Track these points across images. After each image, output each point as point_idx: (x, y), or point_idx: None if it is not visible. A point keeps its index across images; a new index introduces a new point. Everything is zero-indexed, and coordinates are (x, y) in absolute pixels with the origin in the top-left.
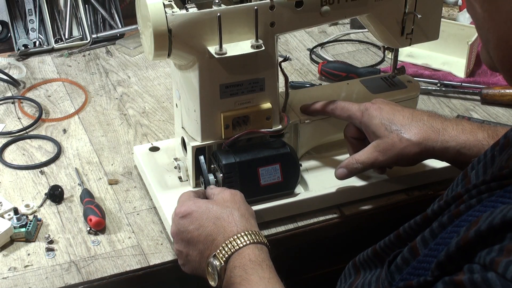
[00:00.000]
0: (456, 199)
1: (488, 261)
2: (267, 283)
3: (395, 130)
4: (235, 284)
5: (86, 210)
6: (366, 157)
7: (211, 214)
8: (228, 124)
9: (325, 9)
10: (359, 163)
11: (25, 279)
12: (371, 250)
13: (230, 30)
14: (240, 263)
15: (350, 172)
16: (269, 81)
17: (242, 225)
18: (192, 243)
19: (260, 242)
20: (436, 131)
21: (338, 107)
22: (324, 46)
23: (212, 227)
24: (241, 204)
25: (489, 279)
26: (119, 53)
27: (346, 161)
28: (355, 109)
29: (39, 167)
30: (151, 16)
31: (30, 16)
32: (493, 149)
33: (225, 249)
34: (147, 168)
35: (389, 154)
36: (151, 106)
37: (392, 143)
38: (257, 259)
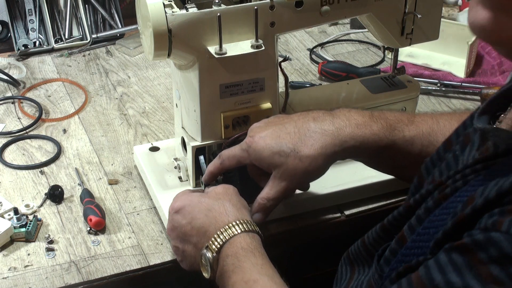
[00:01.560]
0: (438, 186)
1: (490, 224)
2: (260, 269)
3: (290, 153)
4: (228, 272)
5: (86, 210)
6: (274, 192)
7: (202, 206)
8: (228, 124)
9: (325, 9)
10: (271, 200)
11: (25, 279)
12: (361, 243)
13: (230, 30)
14: (232, 252)
15: (266, 213)
16: (269, 81)
17: (233, 215)
18: (186, 237)
19: (252, 230)
20: (330, 134)
21: (225, 159)
22: (324, 46)
23: (203, 219)
24: (233, 196)
25: (493, 237)
26: (119, 53)
27: (256, 205)
28: (239, 152)
29: (39, 167)
30: (151, 16)
31: (30, 16)
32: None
33: (217, 240)
34: (147, 168)
35: (296, 178)
36: (151, 106)
37: (293, 167)
38: (249, 247)
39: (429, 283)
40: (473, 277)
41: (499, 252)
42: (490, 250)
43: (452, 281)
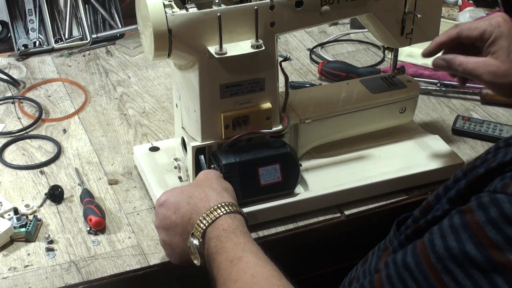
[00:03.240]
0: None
1: (500, 186)
2: (244, 247)
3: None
4: (213, 254)
5: (86, 210)
6: (472, 67)
7: (183, 195)
8: (228, 124)
9: (325, 9)
10: (462, 67)
11: (25, 279)
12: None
13: (230, 30)
14: (214, 235)
15: (448, 68)
16: (269, 81)
17: (214, 199)
18: (172, 228)
19: (234, 211)
20: None
21: (464, 29)
22: (324, 46)
23: (186, 207)
24: (213, 181)
25: (498, 199)
26: (119, 53)
27: (451, 57)
28: (486, 25)
29: (39, 167)
30: (151, 16)
31: (30, 16)
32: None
33: (200, 225)
34: (147, 168)
35: (495, 79)
36: (151, 106)
37: (506, 72)
38: (230, 227)
39: (430, 248)
40: (469, 239)
41: (499, 213)
42: (490, 211)
43: (450, 246)
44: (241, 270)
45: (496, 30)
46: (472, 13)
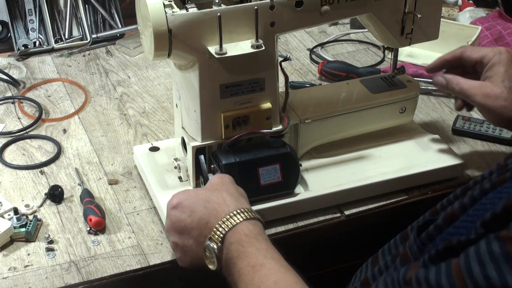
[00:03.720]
0: (500, 168)
1: None
2: (265, 253)
3: (509, 88)
4: (233, 259)
5: (86, 210)
6: (467, 87)
7: (200, 198)
8: (228, 124)
9: (325, 9)
10: (458, 87)
11: (25, 279)
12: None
13: (230, 30)
14: (235, 239)
15: (446, 86)
16: (269, 81)
17: (232, 204)
18: (186, 231)
19: (254, 218)
20: None
21: (468, 49)
22: (324, 46)
23: (203, 210)
24: (230, 186)
25: None
26: (119, 53)
27: (451, 76)
28: (488, 51)
29: (39, 167)
30: (151, 16)
31: (30, 16)
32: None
33: (219, 230)
34: (147, 168)
35: (487, 102)
36: (151, 106)
37: (498, 95)
38: (251, 233)
39: (467, 274)
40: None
41: None
42: None
43: (489, 275)
44: (263, 276)
45: (496, 56)
46: (472, 13)
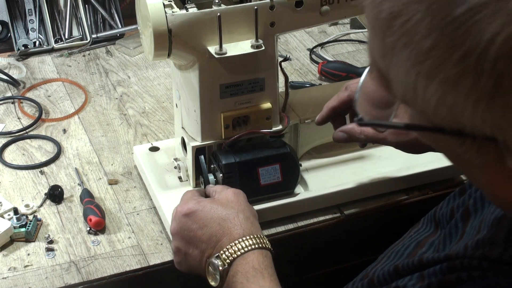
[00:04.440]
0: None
1: None
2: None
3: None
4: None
5: (86, 210)
6: (374, 133)
7: (215, 214)
8: (228, 124)
9: (325, 9)
10: (363, 135)
11: (25, 279)
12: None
13: (230, 30)
14: (243, 269)
15: (350, 139)
16: (269, 81)
17: (247, 228)
18: (194, 242)
19: (265, 247)
20: None
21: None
22: (324, 46)
23: (217, 227)
24: (246, 206)
25: None
26: (119, 53)
27: (350, 127)
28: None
29: (39, 167)
30: (151, 16)
31: (30, 16)
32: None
33: (229, 251)
34: (147, 168)
35: (400, 138)
36: (151, 106)
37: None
38: (259, 267)
39: None
40: None
41: None
42: None
43: None
44: None
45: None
46: None
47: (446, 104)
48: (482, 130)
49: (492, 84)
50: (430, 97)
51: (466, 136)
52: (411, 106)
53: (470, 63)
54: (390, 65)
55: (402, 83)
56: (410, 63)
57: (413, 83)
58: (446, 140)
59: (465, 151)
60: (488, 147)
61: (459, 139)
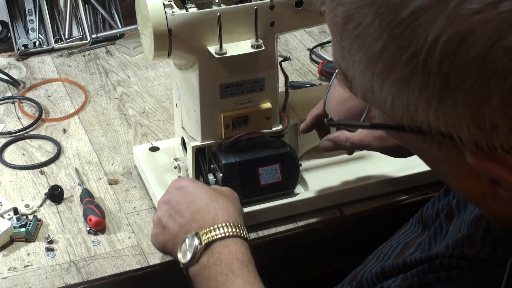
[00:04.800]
0: (429, 259)
1: None
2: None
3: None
4: (218, 282)
5: (86, 210)
6: (358, 139)
7: (207, 194)
8: (228, 124)
9: None
10: (349, 142)
11: (25, 279)
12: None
13: (230, 30)
14: (227, 260)
15: (336, 147)
16: (269, 81)
17: (233, 216)
18: (176, 215)
19: (246, 238)
20: None
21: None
22: (324, 46)
23: (204, 206)
24: (237, 201)
25: None
26: (119, 53)
27: (335, 135)
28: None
29: (39, 167)
30: (151, 16)
31: (30, 16)
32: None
33: (211, 233)
34: (147, 168)
35: (385, 143)
36: (151, 106)
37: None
38: (244, 259)
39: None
40: None
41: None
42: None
43: None
44: None
45: None
46: None
47: (401, 103)
48: (437, 127)
49: (440, 83)
50: (386, 97)
51: (425, 134)
52: (372, 106)
53: (418, 63)
54: (349, 66)
55: (360, 84)
56: (364, 64)
57: (369, 83)
58: (410, 137)
59: (428, 147)
60: (447, 144)
61: (420, 137)
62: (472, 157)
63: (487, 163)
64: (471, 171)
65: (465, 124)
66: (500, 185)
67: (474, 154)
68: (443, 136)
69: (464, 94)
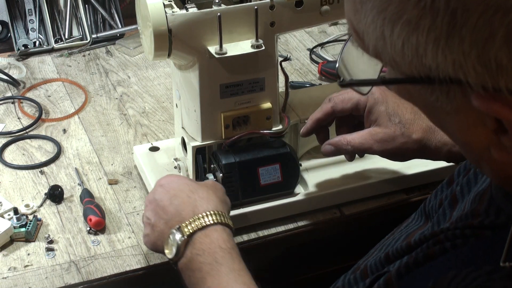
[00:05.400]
0: (433, 235)
1: None
2: (237, 276)
3: (398, 124)
4: (203, 271)
5: (86, 210)
6: (359, 142)
7: (187, 187)
8: (228, 124)
9: (325, 9)
10: (350, 146)
11: (25, 279)
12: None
13: (230, 30)
14: (209, 249)
15: (338, 152)
16: (269, 81)
17: (214, 204)
18: (161, 212)
19: (227, 224)
20: (432, 129)
21: (337, 102)
22: (324, 46)
23: (185, 199)
24: (220, 191)
25: None
26: (119, 53)
27: (337, 140)
28: (358, 95)
29: (39, 167)
30: (151, 16)
31: (30, 16)
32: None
33: (191, 224)
34: (147, 168)
35: (385, 146)
36: (151, 106)
37: (393, 136)
38: (226, 246)
39: None
40: None
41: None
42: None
43: None
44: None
45: (370, 98)
46: None
47: (411, 46)
48: (446, 71)
49: (447, 21)
50: (396, 41)
51: (434, 81)
52: (383, 57)
53: (427, 3)
54: (360, 19)
55: (372, 34)
56: (376, 11)
57: (381, 30)
58: (418, 90)
59: (435, 99)
60: (455, 91)
61: (429, 87)
62: (479, 100)
63: (493, 104)
64: (477, 120)
65: (471, 64)
66: (505, 135)
67: (480, 97)
68: (451, 82)
69: (470, 31)
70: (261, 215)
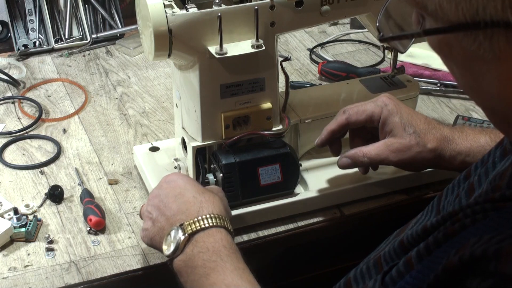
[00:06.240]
0: (452, 215)
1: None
2: (242, 273)
3: (413, 134)
4: (208, 268)
5: (86, 210)
6: (375, 154)
7: (194, 188)
8: (229, 124)
9: (325, 9)
10: (366, 158)
11: (25, 279)
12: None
13: (231, 30)
14: (213, 248)
15: (354, 164)
16: (269, 81)
17: (219, 209)
18: (164, 208)
19: (230, 230)
20: (446, 139)
21: (352, 114)
22: (324, 46)
23: (190, 198)
24: (224, 198)
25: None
26: (119, 53)
27: (353, 152)
28: (372, 107)
29: (39, 167)
30: (151, 16)
31: (30, 16)
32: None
33: (195, 224)
34: (147, 168)
35: (401, 156)
36: (151, 106)
37: (408, 145)
38: (231, 247)
39: None
40: None
41: None
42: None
43: None
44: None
45: (384, 110)
46: None
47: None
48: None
49: None
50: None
51: (479, 25)
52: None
53: None
54: None
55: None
56: None
57: None
58: (460, 40)
59: (478, 46)
60: (499, 35)
61: (471, 35)
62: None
63: None
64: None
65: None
66: None
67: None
68: (498, 26)
69: None
70: (261, 215)
